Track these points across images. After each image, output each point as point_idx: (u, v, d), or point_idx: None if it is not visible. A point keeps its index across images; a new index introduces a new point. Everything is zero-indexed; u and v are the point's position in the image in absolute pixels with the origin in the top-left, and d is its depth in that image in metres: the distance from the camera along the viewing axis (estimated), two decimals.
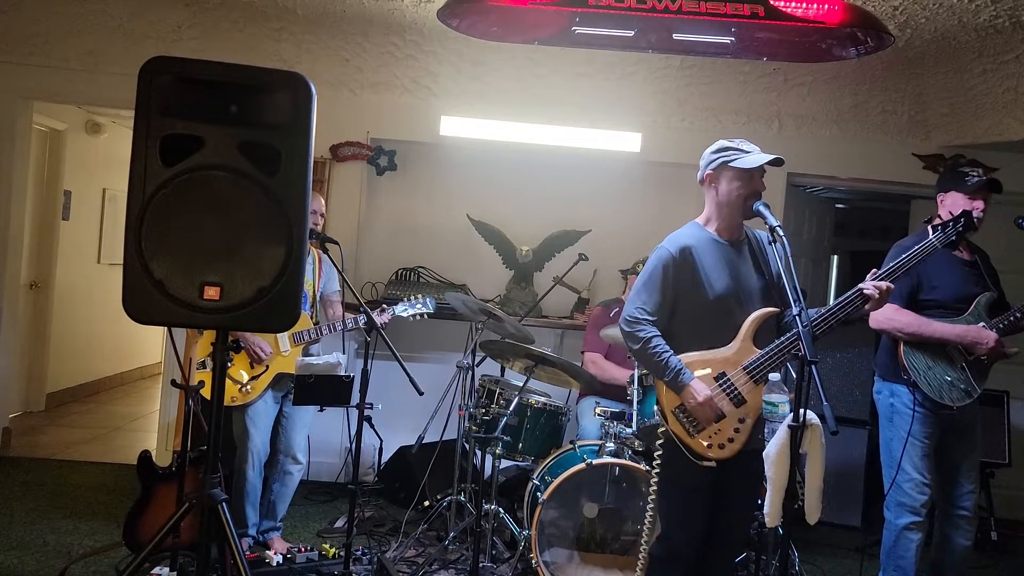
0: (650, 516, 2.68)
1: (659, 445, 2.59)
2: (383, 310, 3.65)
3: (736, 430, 2.48)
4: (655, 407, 2.61)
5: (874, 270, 2.60)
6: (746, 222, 2.65)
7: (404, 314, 3.70)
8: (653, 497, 2.66)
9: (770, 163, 2.51)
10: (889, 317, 3.12)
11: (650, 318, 2.53)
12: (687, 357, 2.52)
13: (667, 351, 2.50)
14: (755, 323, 2.52)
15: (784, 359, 2.51)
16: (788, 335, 2.50)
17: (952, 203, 3.17)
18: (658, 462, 2.59)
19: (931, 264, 3.12)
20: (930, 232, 2.85)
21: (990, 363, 3.12)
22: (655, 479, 2.61)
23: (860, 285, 2.52)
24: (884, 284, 2.49)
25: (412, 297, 3.77)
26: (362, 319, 3.41)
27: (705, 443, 2.48)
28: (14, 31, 4.58)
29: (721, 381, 2.50)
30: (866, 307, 2.52)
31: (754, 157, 2.52)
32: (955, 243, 2.85)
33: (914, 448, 3.09)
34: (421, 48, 4.59)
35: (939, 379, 3.06)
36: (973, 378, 3.07)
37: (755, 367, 2.49)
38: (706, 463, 2.48)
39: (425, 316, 3.76)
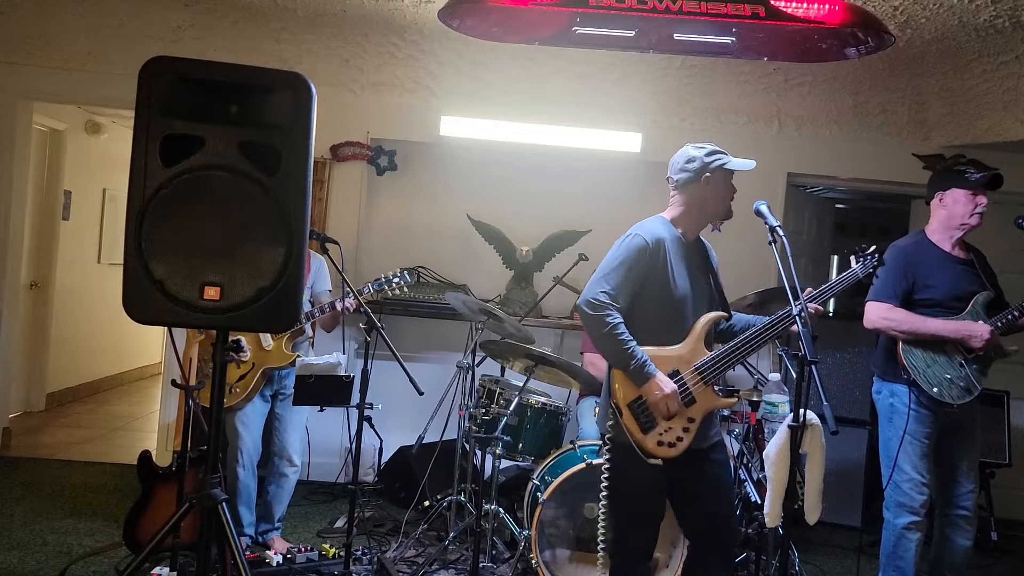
0: (603, 517, 2.64)
1: (607, 439, 2.51)
2: (361, 292, 3.55)
3: (685, 429, 2.48)
4: (609, 400, 2.56)
5: (809, 289, 2.60)
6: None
7: (381, 288, 3.58)
8: (606, 495, 2.58)
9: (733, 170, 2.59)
10: (883, 316, 3.12)
11: (615, 304, 2.46)
12: (646, 350, 2.48)
13: (632, 340, 2.45)
14: (707, 325, 2.55)
15: (734, 363, 2.54)
16: (737, 341, 2.54)
17: (953, 200, 3.16)
18: (606, 462, 2.52)
19: (925, 263, 3.13)
20: (853, 262, 2.78)
21: (990, 359, 3.11)
22: (604, 481, 2.55)
23: (783, 313, 2.52)
24: (812, 307, 2.51)
25: (389, 272, 3.66)
26: (348, 301, 3.40)
27: (656, 440, 2.46)
28: (14, 31, 4.58)
29: (675, 379, 2.50)
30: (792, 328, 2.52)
31: (742, 160, 2.58)
32: (871, 274, 2.80)
33: (913, 448, 3.09)
34: (421, 48, 4.60)
35: (939, 377, 3.05)
36: (973, 375, 3.07)
37: (706, 368, 2.51)
38: (652, 461, 2.48)
39: (404, 288, 3.64)
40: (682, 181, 2.64)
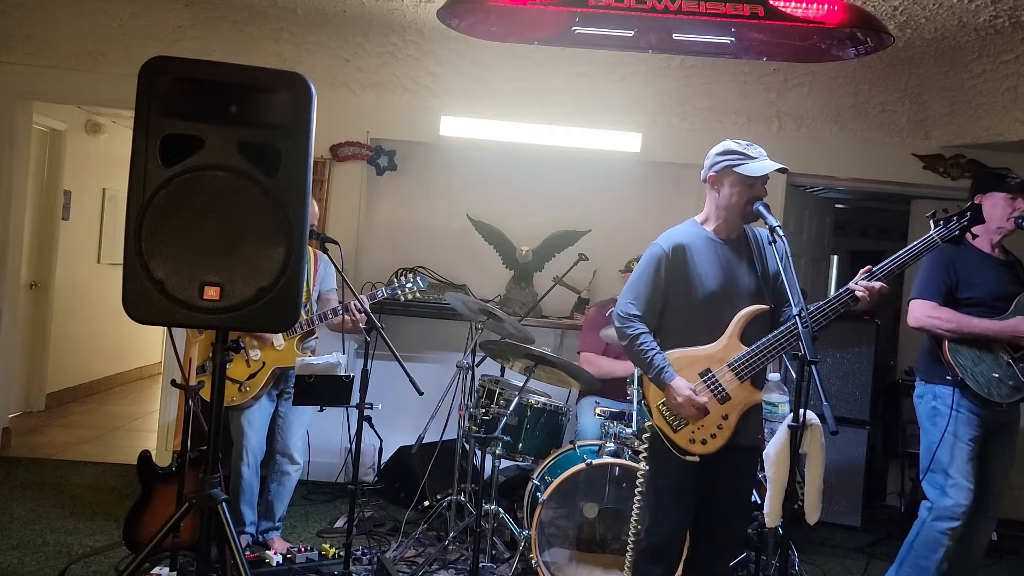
0: (637, 510, 2.70)
1: (645, 439, 2.62)
2: (372, 296, 3.59)
3: (719, 426, 2.50)
4: (642, 401, 2.64)
5: (868, 267, 2.56)
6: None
7: (395, 294, 3.60)
8: (641, 491, 2.68)
9: (775, 171, 2.51)
10: (928, 314, 3.08)
11: (639, 314, 2.57)
12: (672, 353, 2.54)
13: (653, 348, 2.53)
14: (743, 320, 2.54)
15: (771, 356, 2.51)
16: (774, 333, 2.50)
17: (992, 204, 3.14)
18: (644, 455, 2.62)
19: (968, 262, 3.10)
20: (931, 226, 2.71)
21: None
22: (642, 473, 2.64)
23: (850, 285, 2.50)
24: (876, 285, 2.46)
25: (402, 277, 3.69)
26: (351, 307, 3.40)
27: (687, 438, 2.51)
28: (14, 31, 4.58)
29: (705, 377, 2.52)
30: (857, 307, 2.49)
31: (759, 164, 2.52)
32: (958, 238, 2.70)
33: (961, 451, 3.04)
34: (421, 48, 4.60)
35: (987, 376, 3.01)
36: (1021, 373, 3.02)
37: (740, 364, 2.51)
38: (689, 458, 2.51)
39: (418, 294, 3.68)
40: (702, 178, 2.65)
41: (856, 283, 2.49)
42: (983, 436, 3.08)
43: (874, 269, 2.53)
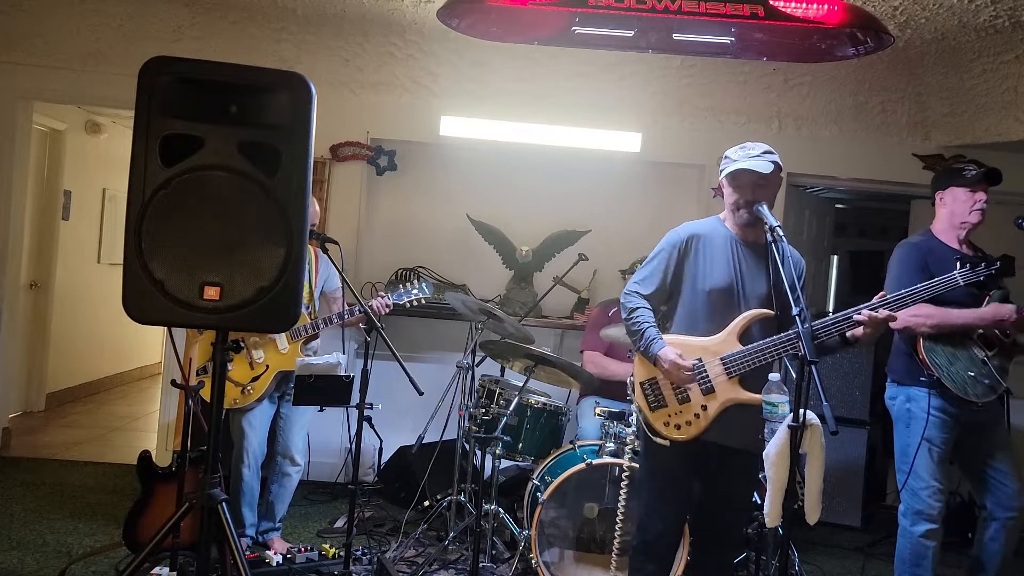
0: (622, 511, 2.73)
1: (634, 423, 2.65)
2: (381, 296, 3.58)
3: (696, 415, 2.53)
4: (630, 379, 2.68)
5: (882, 293, 2.56)
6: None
7: (400, 301, 3.60)
8: (624, 493, 2.71)
9: (743, 171, 2.52)
10: (912, 312, 3.03)
11: (643, 292, 2.62)
12: (669, 338, 2.58)
13: (648, 322, 2.57)
14: (746, 320, 2.55)
15: (765, 360, 2.51)
16: (771, 338, 2.51)
17: (953, 199, 3.15)
18: (634, 447, 2.65)
19: (940, 260, 3.08)
20: (956, 266, 2.74)
21: (1010, 356, 3.06)
22: (627, 473, 2.66)
23: (852, 311, 2.49)
24: (883, 313, 2.45)
25: (408, 284, 3.69)
26: (358, 309, 3.39)
27: (663, 420, 2.55)
28: (14, 31, 4.58)
29: (695, 366, 2.53)
30: (857, 330, 2.48)
31: (733, 167, 2.56)
32: (981, 284, 2.73)
33: (931, 454, 3.03)
34: (421, 48, 4.60)
35: (962, 375, 2.99)
36: (996, 372, 3.01)
37: (732, 360, 2.52)
38: (659, 440, 2.55)
39: (423, 301, 3.66)
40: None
41: (860, 308, 2.49)
42: (956, 437, 3.06)
43: (888, 297, 2.54)
